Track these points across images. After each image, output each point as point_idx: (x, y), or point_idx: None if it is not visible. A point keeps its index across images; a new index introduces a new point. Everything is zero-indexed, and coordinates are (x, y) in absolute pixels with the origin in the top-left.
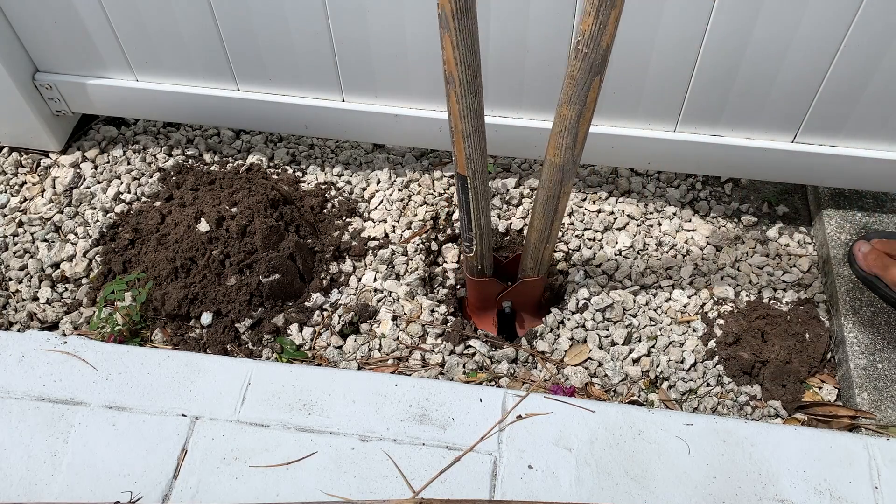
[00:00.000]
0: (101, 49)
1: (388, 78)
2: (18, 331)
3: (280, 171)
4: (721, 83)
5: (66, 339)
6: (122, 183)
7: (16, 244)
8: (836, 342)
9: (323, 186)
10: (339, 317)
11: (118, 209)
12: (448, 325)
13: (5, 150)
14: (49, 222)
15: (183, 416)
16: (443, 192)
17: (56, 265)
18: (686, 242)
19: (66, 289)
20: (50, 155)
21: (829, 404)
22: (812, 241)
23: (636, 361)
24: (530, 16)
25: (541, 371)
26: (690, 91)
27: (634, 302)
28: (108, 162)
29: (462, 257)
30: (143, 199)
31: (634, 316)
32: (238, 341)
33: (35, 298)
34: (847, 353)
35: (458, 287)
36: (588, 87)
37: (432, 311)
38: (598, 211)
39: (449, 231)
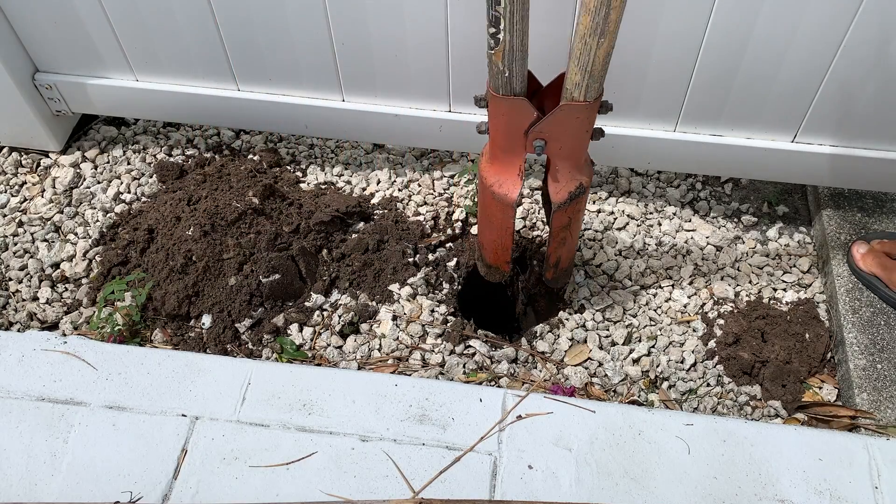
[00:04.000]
0: (101, 49)
1: (388, 78)
2: (18, 331)
3: (280, 170)
4: (721, 83)
5: (66, 339)
6: (122, 183)
7: (16, 244)
8: (836, 342)
9: (323, 186)
10: (339, 317)
11: (118, 209)
12: (448, 325)
13: (5, 150)
14: (49, 222)
15: (183, 416)
16: (443, 192)
17: (56, 265)
18: (686, 242)
19: (66, 289)
20: (50, 155)
21: (829, 404)
22: (812, 241)
23: (636, 361)
24: (530, 17)
25: (541, 371)
26: (690, 91)
27: (634, 302)
28: (108, 162)
29: (488, 63)
30: (143, 198)
31: (634, 316)
32: (238, 341)
33: (35, 298)
34: (847, 353)
35: (453, 281)
36: None
37: (432, 311)
38: (598, 211)
39: (449, 231)
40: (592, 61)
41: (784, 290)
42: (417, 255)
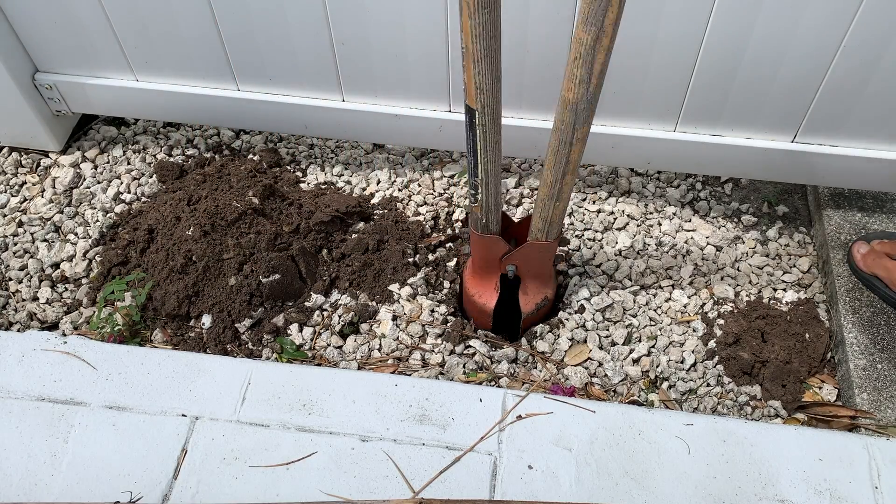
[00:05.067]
0: (101, 49)
1: (388, 78)
2: (18, 331)
3: (280, 170)
4: (721, 83)
5: (66, 339)
6: (122, 183)
7: (16, 244)
8: (836, 342)
9: (323, 186)
10: (339, 317)
11: (118, 209)
12: (448, 325)
13: (5, 150)
14: (49, 222)
15: (183, 416)
16: (443, 192)
17: (56, 265)
18: (686, 242)
19: (66, 289)
20: (50, 155)
21: (829, 404)
22: (812, 241)
23: (636, 361)
24: (530, 17)
25: (541, 371)
26: (690, 91)
27: (634, 302)
28: (108, 162)
29: (468, 209)
30: (143, 199)
31: (634, 316)
32: (238, 341)
33: (35, 298)
34: (847, 353)
35: (455, 281)
36: (606, 6)
37: (432, 311)
38: (598, 211)
39: (449, 231)
40: (551, 216)
41: (784, 290)
42: (417, 255)
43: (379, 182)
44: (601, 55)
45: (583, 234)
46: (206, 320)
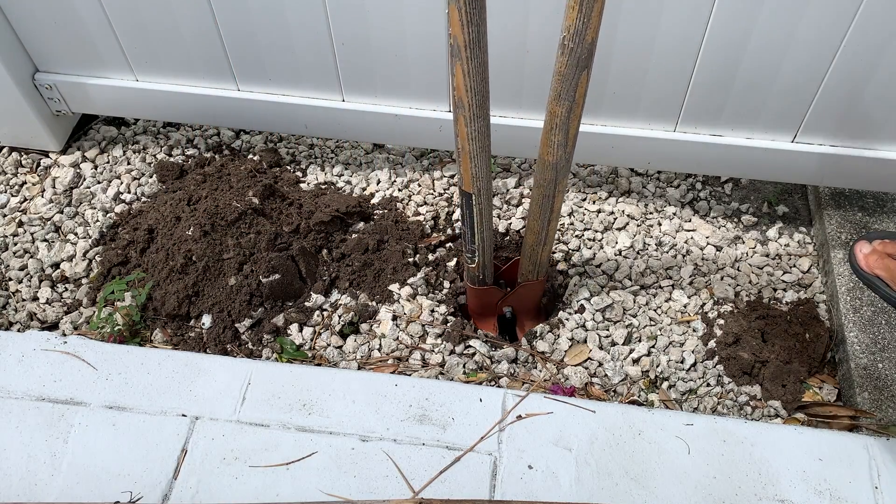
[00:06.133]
0: (101, 49)
1: (388, 78)
2: (18, 331)
3: (280, 170)
4: (721, 83)
5: (66, 339)
6: (122, 183)
7: (16, 244)
8: (836, 342)
9: (323, 186)
10: (339, 317)
11: (118, 209)
12: (448, 325)
13: (5, 150)
14: (49, 222)
15: (183, 416)
16: (443, 192)
17: (56, 265)
18: (686, 242)
19: (66, 289)
20: (50, 155)
21: (829, 404)
22: (812, 241)
23: (636, 361)
24: (530, 17)
25: (541, 371)
26: (690, 91)
27: (634, 302)
28: (108, 162)
29: (464, 267)
30: (143, 199)
31: (634, 316)
32: (238, 341)
33: (35, 298)
34: (847, 352)
35: (459, 295)
36: (576, 83)
37: (432, 311)
38: (598, 211)
39: (449, 231)
40: (539, 259)
41: (784, 290)
42: (417, 255)
43: (379, 182)
44: (575, 122)
45: (583, 234)
46: (206, 320)
